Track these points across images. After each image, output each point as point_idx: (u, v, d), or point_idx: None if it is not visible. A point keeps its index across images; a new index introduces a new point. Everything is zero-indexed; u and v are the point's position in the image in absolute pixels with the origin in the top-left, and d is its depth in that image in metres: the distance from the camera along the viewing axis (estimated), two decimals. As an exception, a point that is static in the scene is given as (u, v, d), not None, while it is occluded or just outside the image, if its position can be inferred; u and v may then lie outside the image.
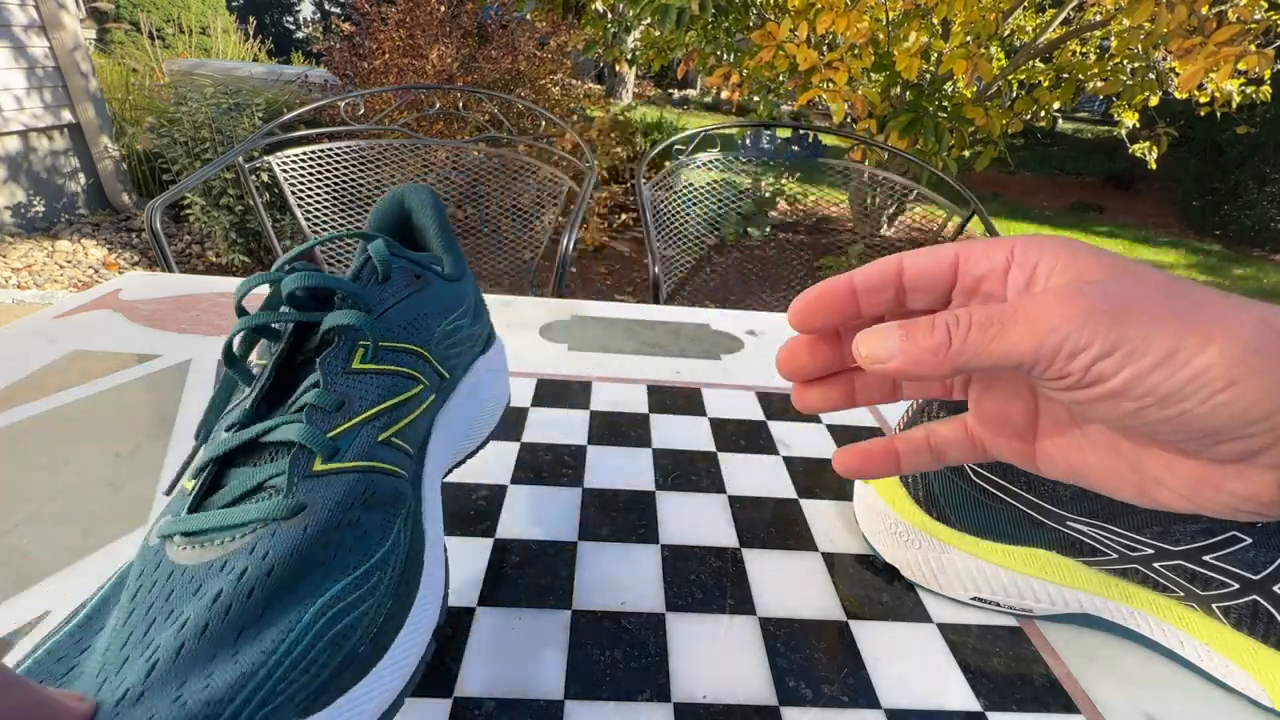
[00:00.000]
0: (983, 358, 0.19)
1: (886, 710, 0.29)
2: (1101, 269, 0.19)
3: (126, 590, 0.20)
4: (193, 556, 0.20)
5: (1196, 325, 0.17)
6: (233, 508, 0.21)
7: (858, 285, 0.23)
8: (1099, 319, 0.17)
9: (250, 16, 7.11)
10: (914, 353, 0.19)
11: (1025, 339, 0.18)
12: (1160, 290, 0.18)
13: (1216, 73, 2.12)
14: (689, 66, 3.45)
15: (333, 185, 1.32)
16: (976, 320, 0.19)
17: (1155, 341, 0.17)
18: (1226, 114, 3.19)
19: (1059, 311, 0.18)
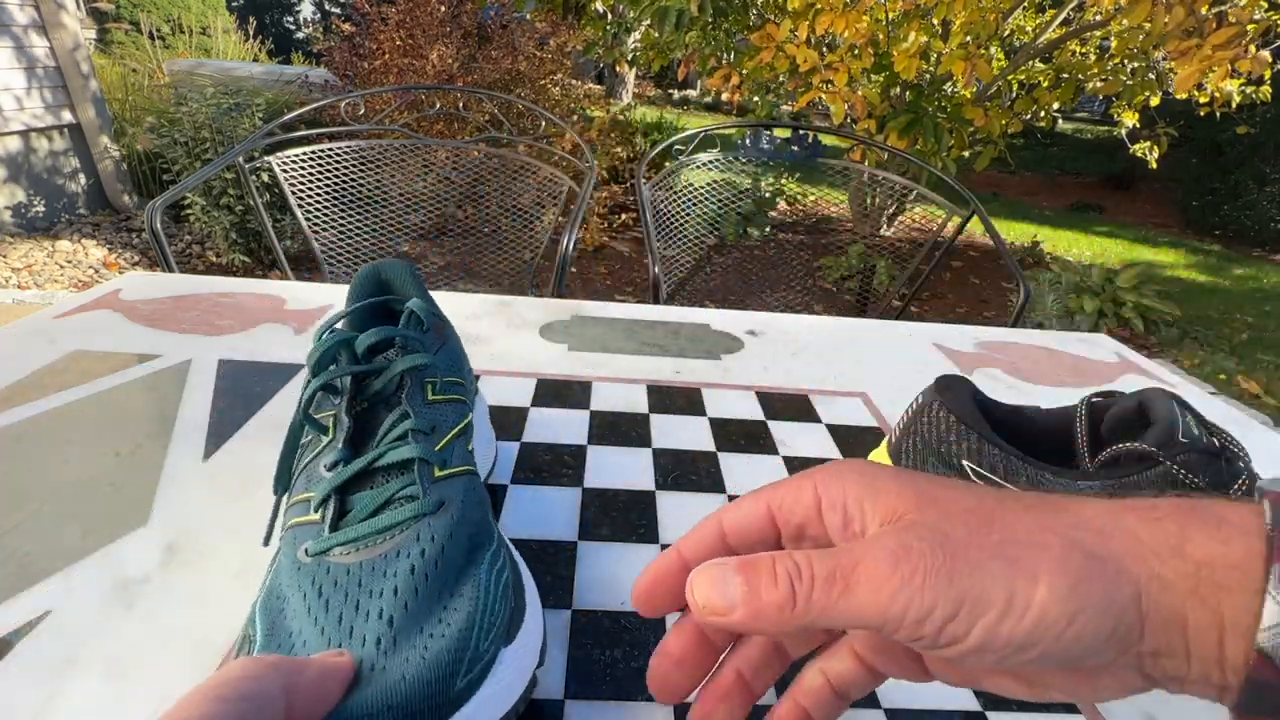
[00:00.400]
0: (831, 617, 0.19)
1: (886, 710, 0.29)
2: (907, 501, 0.20)
3: (293, 604, 0.24)
4: (359, 557, 0.25)
5: (1019, 563, 0.18)
6: (375, 518, 0.26)
7: (687, 559, 0.23)
8: (935, 579, 0.18)
9: (250, 16, 7.11)
10: (757, 606, 0.19)
11: (870, 603, 0.18)
12: (973, 521, 0.19)
13: (1215, 73, 2.12)
14: (689, 67, 3.45)
15: (333, 185, 1.32)
16: (820, 574, 0.19)
17: (992, 590, 0.18)
18: (1226, 114, 3.19)
19: (895, 576, 0.18)
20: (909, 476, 0.21)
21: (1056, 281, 3.08)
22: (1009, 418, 0.38)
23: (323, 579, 0.24)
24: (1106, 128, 8.37)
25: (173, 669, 0.28)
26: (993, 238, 1.20)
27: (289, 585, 0.24)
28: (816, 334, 0.71)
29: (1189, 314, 3.40)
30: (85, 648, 0.29)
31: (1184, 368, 2.78)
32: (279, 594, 0.25)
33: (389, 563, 0.24)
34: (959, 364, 0.68)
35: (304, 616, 0.23)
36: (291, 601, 0.24)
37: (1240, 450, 0.32)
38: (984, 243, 4.44)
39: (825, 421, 0.53)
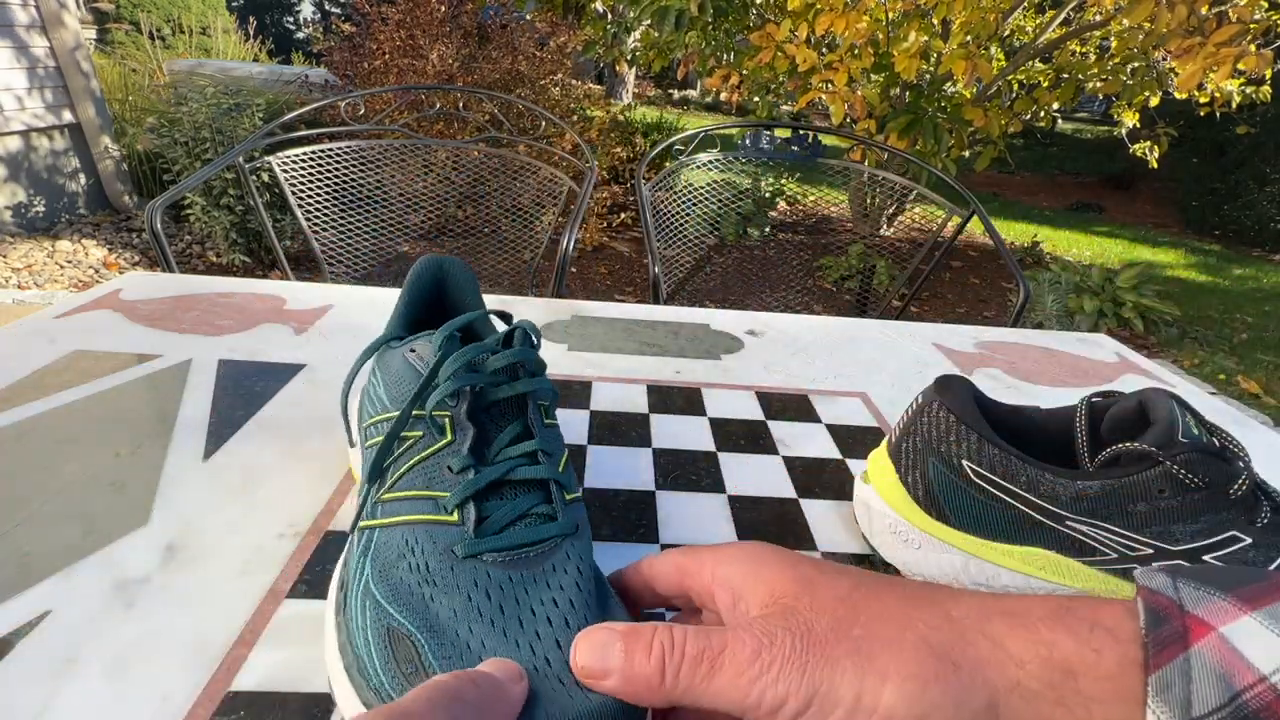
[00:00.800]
0: (695, 695, 0.19)
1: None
2: (786, 585, 0.20)
3: (453, 603, 0.24)
4: (511, 568, 0.26)
5: (872, 662, 0.18)
6: (515, 529, 0.27)
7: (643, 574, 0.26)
8: (790, 670, 0.18)
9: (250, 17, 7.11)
10: (630, 675, 0.20)
11: (731, 687, 0.19)
12: (841, 612, 0.19)
13: (1215, 73, 2.12)
14: (689, 67, 3.45)
15: (333, 185, 1.32)
16: (690, 653, 0.19)
17: (841, 686, 0.18)
18: (1226, 114, 3.19)
19: (756, 664, 0.19)
20: (794, 560, 0.22)
21: (1056, 281, 3.08)
22: (1009, 418, 0.38)
23: (486, 582, 0.25)
24: (1106, 128, 8.36)
25: (173, 669, 0.28)
26: (993, 238, 1.20)
27: (443, 581, 0.25)
28: (816, 334, 0.71)
29: (1189, 314, 3.40)
30: (85, 648, 0.29)
31: (1184, 368, 2.78)
32: (416, 587, 0.25)
33: (549, 575, 0.26)
34: (959, 364, 0.68)
35: (475, 618, 0.24)
36: (448, 600, 0.25)
37: (1240, 450, 0.32)
38: (984, 243, 4.44)
39: (825, 421, 0.53)
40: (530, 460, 0.29)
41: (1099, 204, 6.24)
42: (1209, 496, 0.31)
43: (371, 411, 0.32)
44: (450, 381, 0.29)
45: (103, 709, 0.26)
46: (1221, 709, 0.15)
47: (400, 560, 0.26)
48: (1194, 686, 0.16)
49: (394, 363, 0.32)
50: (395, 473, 0.28)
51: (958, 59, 2.46)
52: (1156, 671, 0.16)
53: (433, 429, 0.29)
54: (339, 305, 0.68)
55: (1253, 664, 0.15)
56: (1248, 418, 0.60)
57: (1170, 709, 0.16)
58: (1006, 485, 0.35)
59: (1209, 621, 0.16)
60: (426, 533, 0.26)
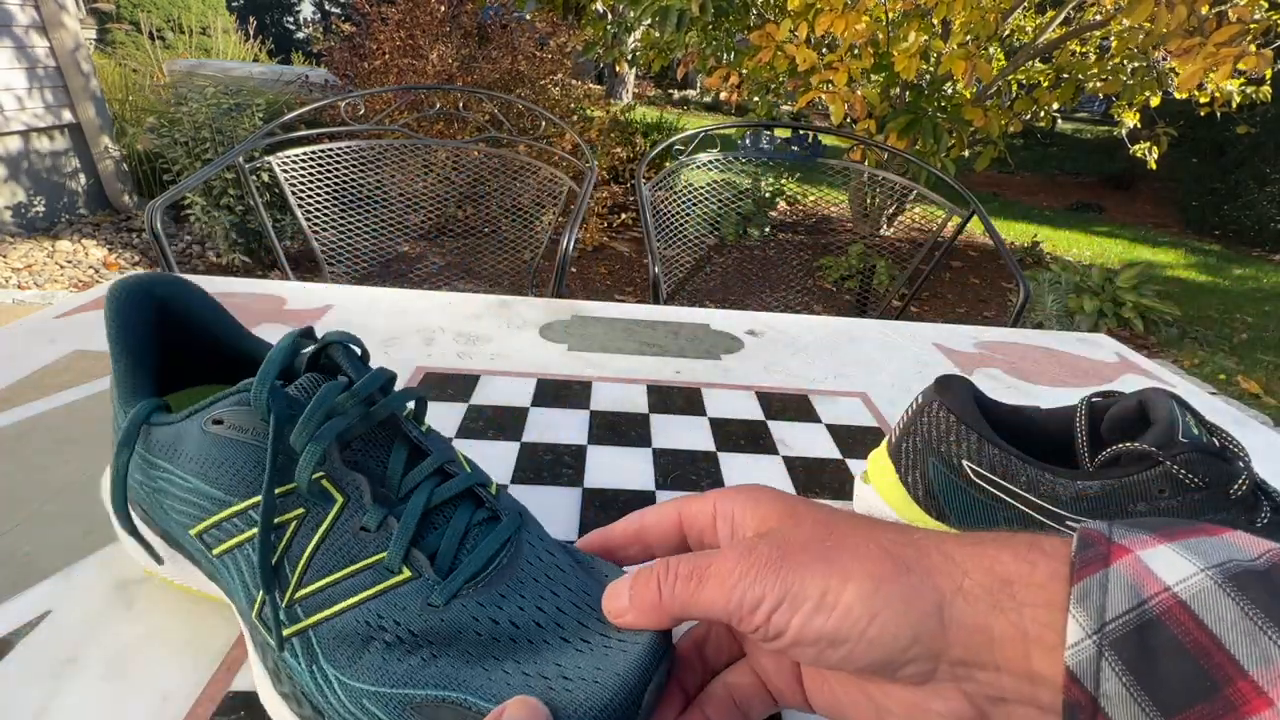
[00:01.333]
0: (690, 610, 0.22)
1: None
2: (777, 514, 0.23)
3: (465, 646, 0.23)
4: (497, 583, 0.25)
5: (837, 564, 0.20)
6: (471, 552, 0.25)
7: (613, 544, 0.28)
8: (766, 572, 0.21)
9: (250, 17, 7.11)
10: (638, 603, 0.23)
11: (717, 594, 0.21)
12: (816, 530, 0.22)
13: (1216, 73, 2.12)
14: (689, 67, 3.45)
15: (333, 185, 1.32)
16: (681, 572, 0.22)
17: (809, 585, 0.20)
18: (1226, 114, 3.19)
19: (736, 571, 0.21)
20: (785, 497, 0.24)
21: (1056, 281, 3.08)
22: (1009, 418, 0.38)
23: (481, 612, 0.24)
24: (1106, 128, 8.36)
25: (173, 669, 0.28)
26: (993, 238, 1.20)
27: (439, 635, 0.23)
28: (816, 334, 0.71)
29: (1189, 314, 3.40)
30: (85, 648, 0.29)
31: (1184, 368, 2.78)
32: (406, 655, 0.23)
33: (529, 572, 0.25)
34: (959, 364, 0.68)
35: (494, 647, 0.23)
36: (457, 648, 0.23)
37: (1240, 450, 0.32)
38: (984, 243, 4.44)
39: (825, 421, 0.53)
40: (441, 476, 0.27)
41: (1099, 204, 6.24)
42: (1209, 496, 0.31)
43: (195, 514, 0.26)
44: (316, 443, 0.24)
45: (103, 709, 0.26)
46: (1129, 612, 0.17)
47: (370, 642, 0.23)
48: (1109, 595, 0.18)
49: (190, 445, 0.26)
50: (296, 565, 0.24)
51: (958, 59, 2.46)
52: (1079, 583, 0.18)
53: (313, 499, 0.25)
54: (339, 305, 0.68)
55: (1159, 577, 0.18)
56: (1248, 418, 0.60)
57: (1088, 613, 0.18)
58: (1006, 485, 0.35)
59: (1129, 547, 0.19)
60: (386, 602, 0.24)
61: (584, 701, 0.21)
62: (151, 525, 0.29)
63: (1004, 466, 0.35)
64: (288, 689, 0.24)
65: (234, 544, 0.25)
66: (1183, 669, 0.16)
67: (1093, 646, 0.18)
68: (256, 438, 0.25)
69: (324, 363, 0.28)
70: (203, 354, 0.32)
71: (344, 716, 0.23)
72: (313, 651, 0.24)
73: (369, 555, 0.24)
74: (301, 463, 0.24)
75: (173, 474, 0.27)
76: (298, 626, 0.24)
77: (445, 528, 0.26)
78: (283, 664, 0.24)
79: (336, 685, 0.23)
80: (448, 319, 0.67)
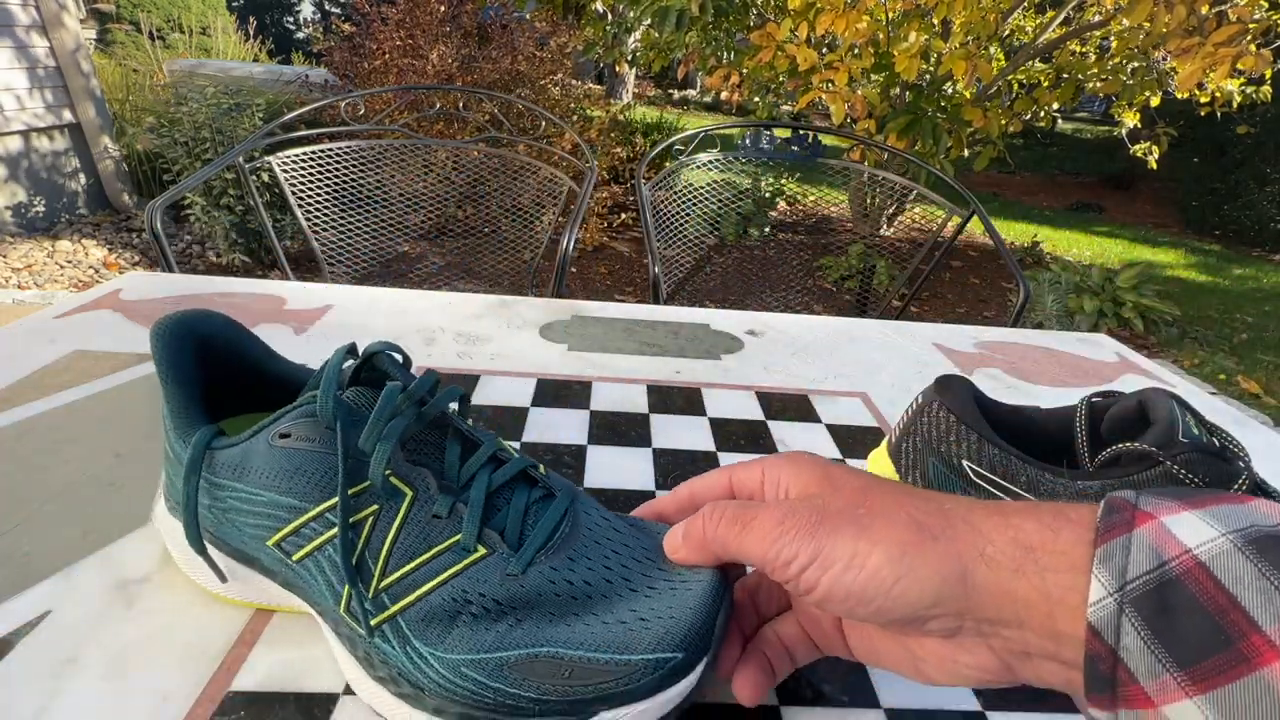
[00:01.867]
0: (730, 551, 0.25)
1: (886, 710, 0.29)
2: (818, 481, 0.25)
3: (560, 598, 0.26)
4: (565, 549, 0.27)
5: (867, 530, 0.22)
6: (535, 525, 0.28)
7: (690, 495, 0.30)
8: (802, 532, 0.23)
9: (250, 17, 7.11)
10: (690, 539, 0.26)
11: (756, 543, 0.24)
12: (853, 497, 0.24)
13: (1215, 72, 2.12)
14: (689, 67, 3.45)
15: (333, 185, 1.32)
16: (728, 517, 0.25)
17: (840, 548, 0.22)
18: (1226, 114, 3.19)
19: (777, 529, 0.23)
20: (828, 465, 0.26)
21: (1056, 281, 3.08)
22: (1009, 418, 0.38)
23: (554, 575, 0.26)
24: (1106, 128, 8.36)
25: (173, 669, 0.28)
26: (992, 237, 1.20)
27: (521, 600, 0.26)
28: (816, 334, 0.71)
29: (1189, 314, 3.40)
30: (85, 648, 0.29)
31: (1184, 368, 2.78)
32: (494, 623, 0.25)
33: (592, 537, 0.28)
34: (959, 364, 0.68)
35: (571, 604, 0.26)
36: (539, 610, 0.26)
37: (1240, 450, 0.32)
38: (984, 243, 4.44)
39: (825, 421, 0.53)
40: (495, 463, 0.29)
41: (1099, 204, 6.24)
42: (1209, 496, 0.31)
43: (271, 525, 0.28)
44: (385, 442, 0.26)
45: (103, 709, 0.26)
46: (1150, 572, 0.18)
47: (457, 617, 0.26)
48: (1130, 557, 0.19)
49: (259, 461, 0.28)
50: (377, 557, 0.26)
51: (958, 59, 2.46)
52: (1102, 545, 0.19)
53: (385, 495, 0.27)
54: (339, 305, 0.68)
55: (1181, 540, 0.18)
56: (1248, 418, 0.60)
57: (1110, 573, 0.19)
58: (1006, 485, 0.35)
59: (1154, 513, 0.19)
60: (468, 578, 0.26)
61: (664, 635, 0.24)
62: (219, 545, 0.30)
63: (1004, 466, 0.35)
64: (383, 673, 0.26)
65: (314, 547, 0.27)
66: (1199, 624, 0.17)
67: (1113, 604, 0.18)
68: (324, 446, 0.27)
69: (365, 374, 0.30)
70: (241, 382, 0.34)
71: (445, 686, 0.25)
72: (403, 634, 0.26)
73: (445, 539, 0.26)
74: (374, 461, 0.26)
75: (242, 491, 0.28)
76: (386, 614, 0.26)
77: (507, 508, 0.28)
78: (375, 650, 0.26)
79: (433, 660, 0.25)
80: (448, 319, 0.67)
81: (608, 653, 0.24)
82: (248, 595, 0.31)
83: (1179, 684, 0.17)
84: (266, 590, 0.30)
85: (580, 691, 0.24)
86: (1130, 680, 0.18)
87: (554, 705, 0.24)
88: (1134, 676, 0.18)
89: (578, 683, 0.24)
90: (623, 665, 0.24)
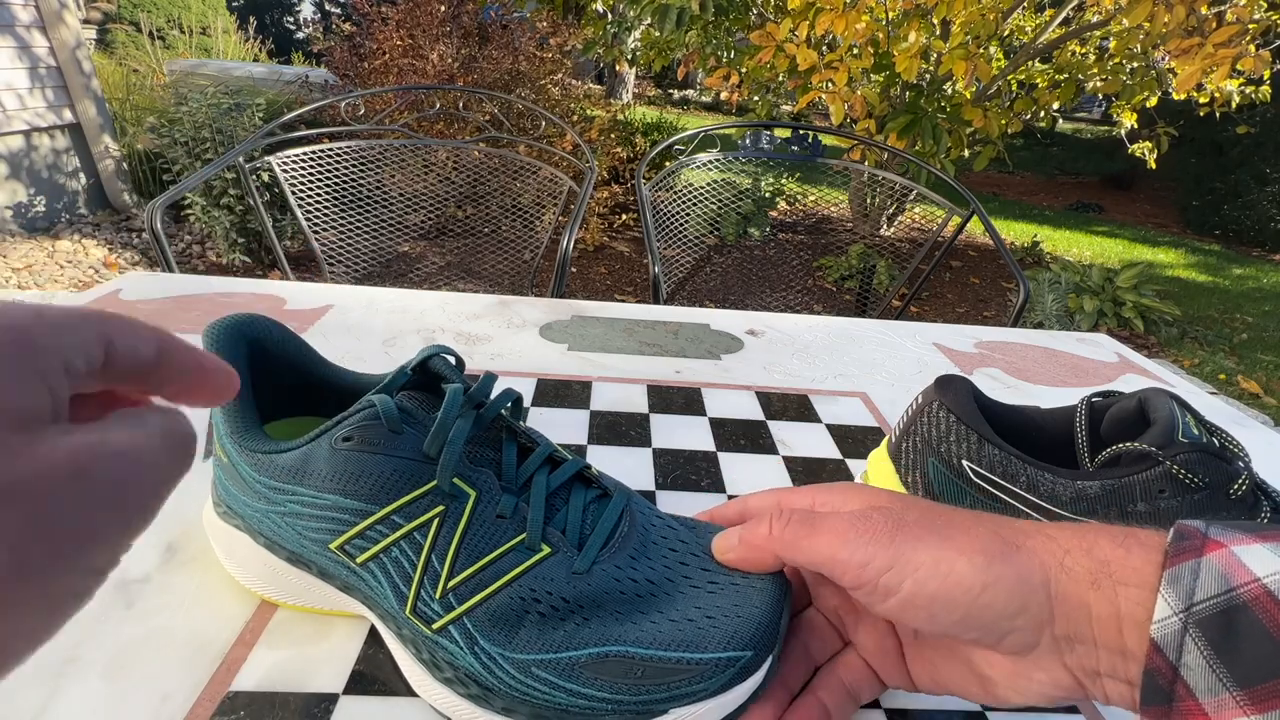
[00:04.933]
0: (797, 552, 0.25)
1: (886, 710, 0.29)
2: (880, 497, 0.25)
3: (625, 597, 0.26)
4: (624, 549, 0.28)
5: (950, 541, 0.22)
6: (594, 526, 0.28)
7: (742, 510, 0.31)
8: (879, 537, 0.23)
9: (250, 16, 7.10)
10: (749, 542, 0.26)
11: (825, 545, 0.24)
12: (927, 513, 0.24)
13: (1214, 73, 2.12)
14: (689, 67, 3.45)
15: (333, 185, 1.32)
16: (795, 518, 0.25)
17: (923, 554, 0.22)
18: (1226, 114, 3.19)
19: (850, 531, 0.24)
20: (887, 491, 0.27)
21: (1056, 281, 3.08)
22: (1009, 418, 0.38)
23: (618, 573, 0.27)
24: (1106, 128, 8.36)
25: (173, 669, 0.28)
26: (992, 237, 1.20)
27: (587, 599, 0.26)
28: (816, 334, 0.71)
29: (1189, 314, 3.40)
30: (85, 648, 0.29)
31: (1184, 368, 2.78)
32: (562, 622, 0.26)
33: (650, 535, 0.29)
34: (959, 364, 0.68)
35: (636, 603, 0.26)
36: (604, 609, 0.26)
37: (1240, 450, 0.32)
38: (984, 243, 4.44)
39: (825, 421, 0.53)
40: (552, 465, 0.30)
41: (1099, 204, 6.23)
42: (1209, 496, 0.31)
43: (334, 529, 0.27)
44: (452, 445, 0.27)
45: (103, 709, 0.27)
46: (1218, 596, 0.19)
47: (524, 617, 0.26)
48: (1199, 581, 0.19)
49: (321, 464, 0.28)
50: (444, 557, 0.26)
51: (958, 59, 2.46)
52: (1171, 568, 0.20)
53: (446, 498, 0.27)
54: (339, 305, 0.68)
55: (1250, 568, 0.19)
56: (1248, 418, 0.60)
57: (1177, 594, 0.19)
58: (1006, 485, 0.35)
59: (1224, 543, 0.20)
60: (535, 577, 0.26)
61: (734, 634, 0.25)
62: (275, 550, 0.30)
63: (1004, 466, 0.35)
64: (449, 675, 0.26)
65: (379, 549, 0.27)
66: (1264, 648, 0.18)
67: (1178, 623, 0.19)
68: (388, 449, 0.27)
69: (418, 378, 0.30)
70: (286, 386, 0.34)
71: (515, 687, 0.25)
72: (470, 635, 0.26)
73: (509, 539, 0.27)
74: (442, 463, 0.27)
75: (304, 495, 0.28)
76: (453, 615, 0.26)
77: (566, 508, 0.28)
78: (440, 651, 0.26)
79: (502, 660, 0.25)
80: (448, 319, 0.67)
81: (679, 651, 0.24)
82: (300, 600, 0.31)
83: (1238, 703, 0.18)
84: (321, 594, 0.30)
85: (653, 691, 0.24)
86: (1188, 696, 0.19)
87: (627, 705, 0.24)
88: (1192, 693, 0.19)
89: (650, 682, 0.24)
90: (694, 664, 0.24)
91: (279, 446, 0.29)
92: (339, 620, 0.31)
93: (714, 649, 0.24)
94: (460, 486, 0.27)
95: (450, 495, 0.27)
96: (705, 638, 0.25)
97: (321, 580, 0.30)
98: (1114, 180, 7.04)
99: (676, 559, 0.28)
